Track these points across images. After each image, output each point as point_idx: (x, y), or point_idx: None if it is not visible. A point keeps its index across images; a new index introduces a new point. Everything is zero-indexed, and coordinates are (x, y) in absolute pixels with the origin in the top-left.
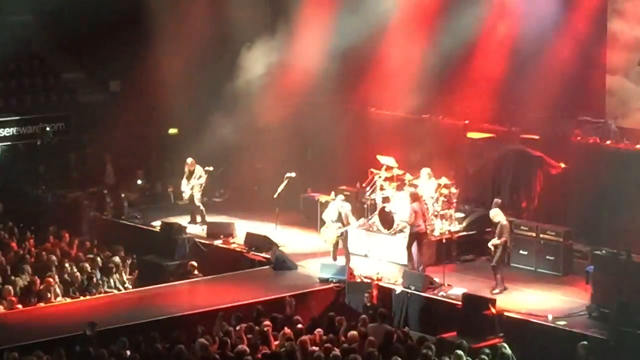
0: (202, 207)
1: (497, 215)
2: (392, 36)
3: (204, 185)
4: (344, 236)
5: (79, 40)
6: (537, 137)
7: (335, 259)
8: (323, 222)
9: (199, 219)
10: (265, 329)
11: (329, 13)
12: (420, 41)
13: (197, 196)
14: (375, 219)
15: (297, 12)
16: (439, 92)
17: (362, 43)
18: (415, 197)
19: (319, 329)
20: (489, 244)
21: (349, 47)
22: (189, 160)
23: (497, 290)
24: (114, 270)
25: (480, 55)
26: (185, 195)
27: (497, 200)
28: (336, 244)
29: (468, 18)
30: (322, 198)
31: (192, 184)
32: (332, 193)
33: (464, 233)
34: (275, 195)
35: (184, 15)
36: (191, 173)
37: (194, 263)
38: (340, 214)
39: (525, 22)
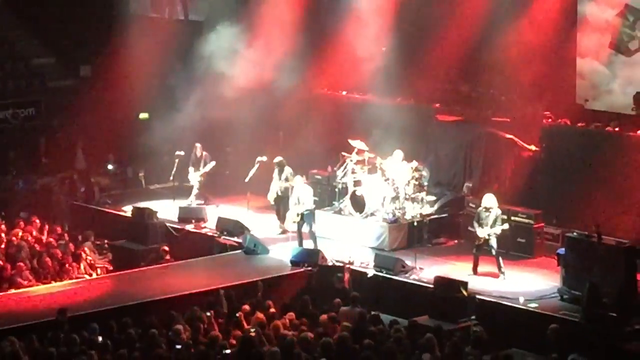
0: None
1: (492, 201)
2: (361, 19)
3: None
4: (303, 219)
5: (48, 25)
6: (508, 119)
7: (300, 244)
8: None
9: (194, 199)
10: (238, 314)
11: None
12: (389, 24)
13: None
14: (347, 202)
15: None
16: (409, 76)
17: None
18: None
19: (290, 313)
20: (485, 234)
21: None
22: (198, 145)
23: (504, 277)
24: (85, 255)
25: (449, 38)
26: (194, 182)
27: (469, 185)
28: (300, 229)
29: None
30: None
31: (202, 171)
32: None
33: (436, 216)
34: (247, 179)
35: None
36: (198, 159)
37: (166, 248)
38: (298, 197)
39: (494, 4)
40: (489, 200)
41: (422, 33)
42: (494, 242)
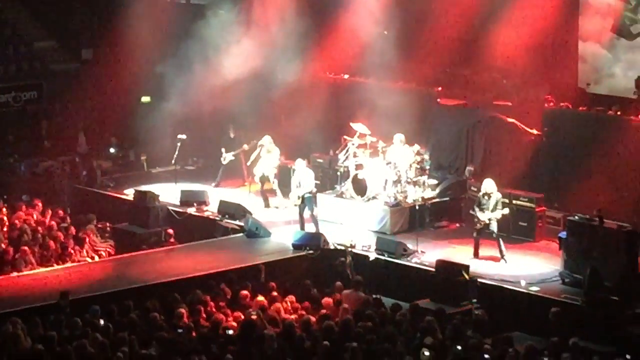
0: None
1: (492, 186)
2: (362, 3)
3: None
4: (305, 203)
5: (50, 8)
6: (509, 103)
7: (302, 228)
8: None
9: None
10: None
11: None
12: (392, 6)
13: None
14: (349, 186)
15: None
16: (410, 59)
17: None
18: None
19: (291, 296)
20: (486, 218)
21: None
22: (231, 125)
23: (505, 261)
24: (88, 239)
25: (452, 22)
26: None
27: (470, 168)
28: (301, 212)
29: None
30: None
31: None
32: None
33: (437, 200)
34: (249, 163)
35: None
36: (232, 140)
37: (171, 231)
38: (300, 180)
39: None
40: (489, 185)
41: (424, 16)
42: (494, 226)
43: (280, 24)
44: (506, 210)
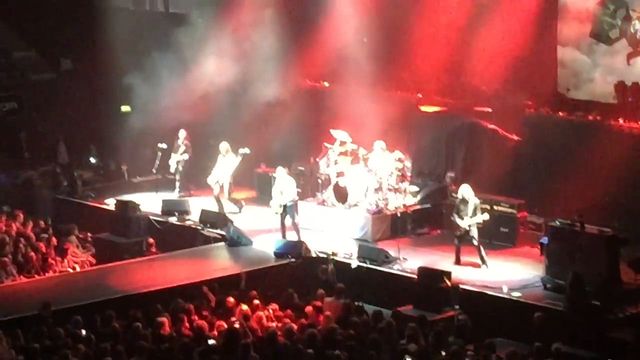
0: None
1: (469, 192)
2: (343, 8)
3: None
4: (286, 211)
5: (29, 18)
6: (489, 109)
7: (284, 236)
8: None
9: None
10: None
11: None
12: (371, 14)
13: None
14: (330, 193)
15: None
16: (391, 66)
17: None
18: None
19: (274, 304)
20: (465, 225)
21: None
22: (181, 131)
23: (486, 267)
24: (69, 249)
25: (431, 28)
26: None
27: (451, 175)
28: (283, 220)
29: None
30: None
31: (177, 158)
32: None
33: (419, 206)
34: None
35: None
36: (178, 146)
37: (151, 240)
38: (281, 188)
39: None
40: (465, 190)
41: (404, 24)
42: (474, 233)
43: (260, 32)
44: (486, 216)
